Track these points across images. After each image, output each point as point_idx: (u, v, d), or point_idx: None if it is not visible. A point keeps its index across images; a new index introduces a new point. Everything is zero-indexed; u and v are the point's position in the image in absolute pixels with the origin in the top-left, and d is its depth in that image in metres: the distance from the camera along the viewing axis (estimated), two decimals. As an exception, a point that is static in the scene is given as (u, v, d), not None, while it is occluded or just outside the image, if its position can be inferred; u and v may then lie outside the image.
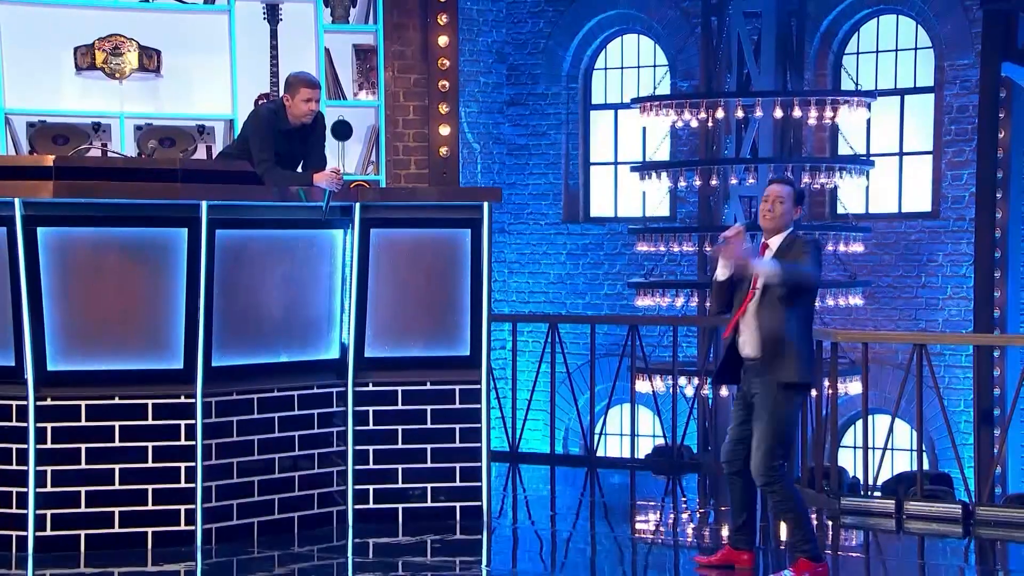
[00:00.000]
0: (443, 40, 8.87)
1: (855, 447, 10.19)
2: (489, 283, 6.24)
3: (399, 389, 6.18)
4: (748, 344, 5.23)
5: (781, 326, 5.16)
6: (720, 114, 10.69)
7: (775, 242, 5.26)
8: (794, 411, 5.26)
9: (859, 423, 9.18)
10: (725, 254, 5.18)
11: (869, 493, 7.05)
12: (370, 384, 6.15)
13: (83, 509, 5.57)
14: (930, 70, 11.44)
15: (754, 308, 5.20)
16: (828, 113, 10.50)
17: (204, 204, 5.63)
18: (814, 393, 6.85)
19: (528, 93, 12.90)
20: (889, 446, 7.12)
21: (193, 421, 5.67)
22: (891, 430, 7.12)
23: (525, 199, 12.97)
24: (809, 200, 11.51)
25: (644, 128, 12.36)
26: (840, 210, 11.54)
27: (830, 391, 7.13)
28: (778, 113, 10.57)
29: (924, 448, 7.37)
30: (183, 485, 5.65)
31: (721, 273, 5.25)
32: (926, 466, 8.92)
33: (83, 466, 5.58)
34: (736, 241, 5.14)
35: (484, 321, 6.21)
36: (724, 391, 9.46)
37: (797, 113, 10.53)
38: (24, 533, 5.53)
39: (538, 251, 12.95)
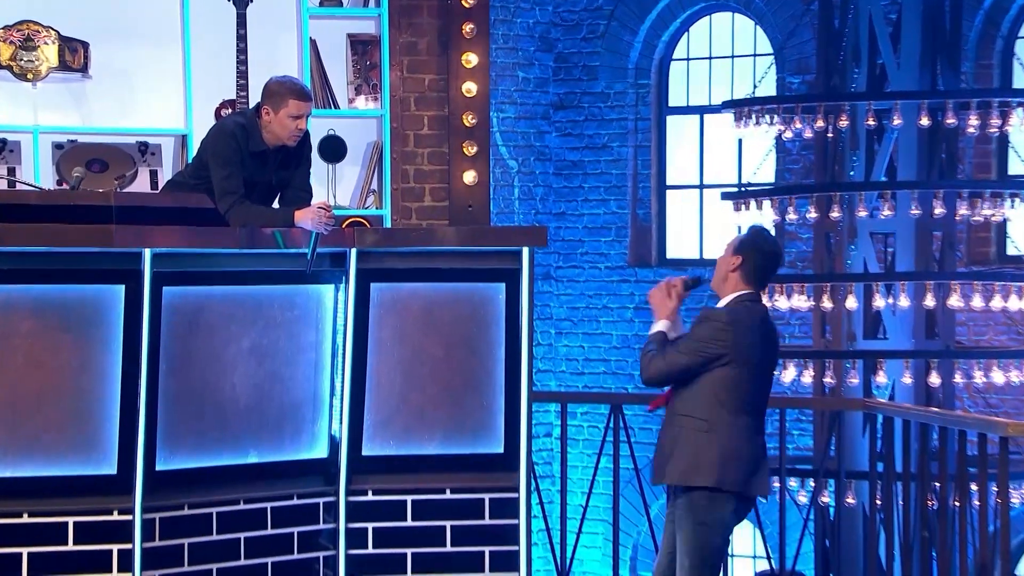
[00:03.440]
0: (469, 27, 8.93)
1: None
2: (530, 353, 6.26)
3: (408, 499, 6.19)
4: None
5: None
6: (844, 122, 10.68)
7: None
8: None
9: (1039, 544, 9.09)
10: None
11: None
12: (369, 492, 6.16)
13: (-19, 667, 5.59)
14: None
15: None
16: (995, 120, 10.44)
17: (147, 252, 5.67)
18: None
19: (583, 92, 12.94)
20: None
21: (129, 546, 5.67)
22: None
23: (578, 235, 12.99)
24: (968, 237, 11.45)
25: (740, 140, 12.34)
26: (1011, 251, 11.47)
27: (999, 500, 7.07)
28: (924, 121, 10.53)
29: None
30: (116, 633, 5.66)
31: None
32: None
33: (-18, 607, 5.60)
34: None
35: (523, 405, 6.23)
36: (825, 497, 9.41)
37: (951, 120, 10.49)
38: None
39: (596, 305, 12.94)
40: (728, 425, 5.81)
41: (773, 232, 11.90)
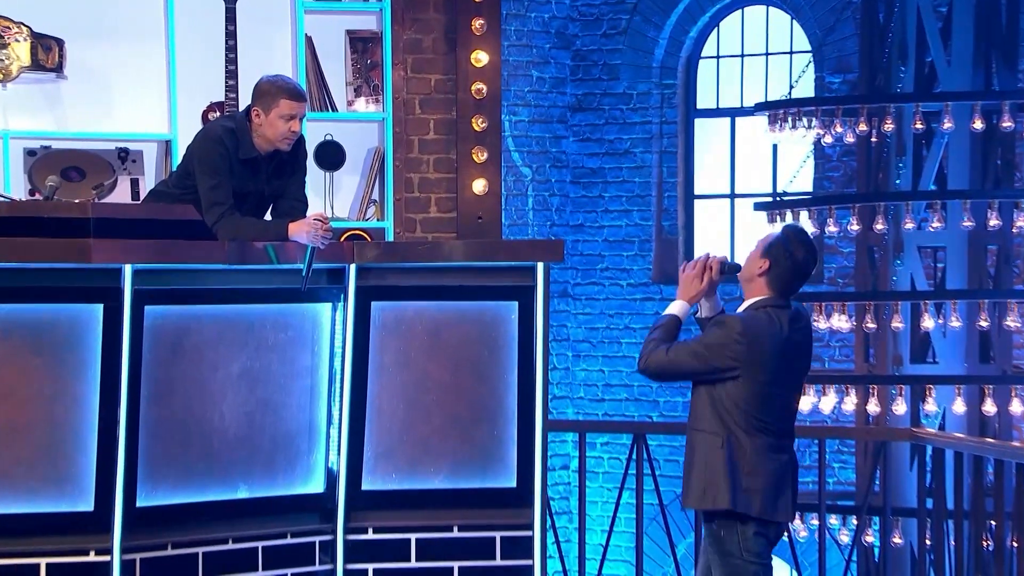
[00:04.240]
0: (478, 23, 8.94)
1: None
2: (546, 378, 6.25)
3: (412, 538, 6.19)
4: None
5: None
6: (889, 125, 10.68)
7: None
8: None
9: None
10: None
11: None
12: (369, 531, 6.16)
13: None
14: None
15: None
16: (1055, 123, 10.44)
17: (127, 268, 5.67)
18: None
19: (603, 93, 12.95)
20: None
21: (108, 589, 5.67)
22: None
23: (598, 248, 12.99)
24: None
25: (775, 145, 12.36)
26: (1071, 267, 11.45)
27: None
28: (978, 124, 10.53)
29: None
30: None
31: None
32: None
33: (-54, 658, 5.60)
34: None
35: (538, 435, 6.23)
36: (870, 536, 9.39)
37: (1007, 123, 10.48)
38: None
39: (617, 325, 12.93)
40: (742, 443, 5.64)
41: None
